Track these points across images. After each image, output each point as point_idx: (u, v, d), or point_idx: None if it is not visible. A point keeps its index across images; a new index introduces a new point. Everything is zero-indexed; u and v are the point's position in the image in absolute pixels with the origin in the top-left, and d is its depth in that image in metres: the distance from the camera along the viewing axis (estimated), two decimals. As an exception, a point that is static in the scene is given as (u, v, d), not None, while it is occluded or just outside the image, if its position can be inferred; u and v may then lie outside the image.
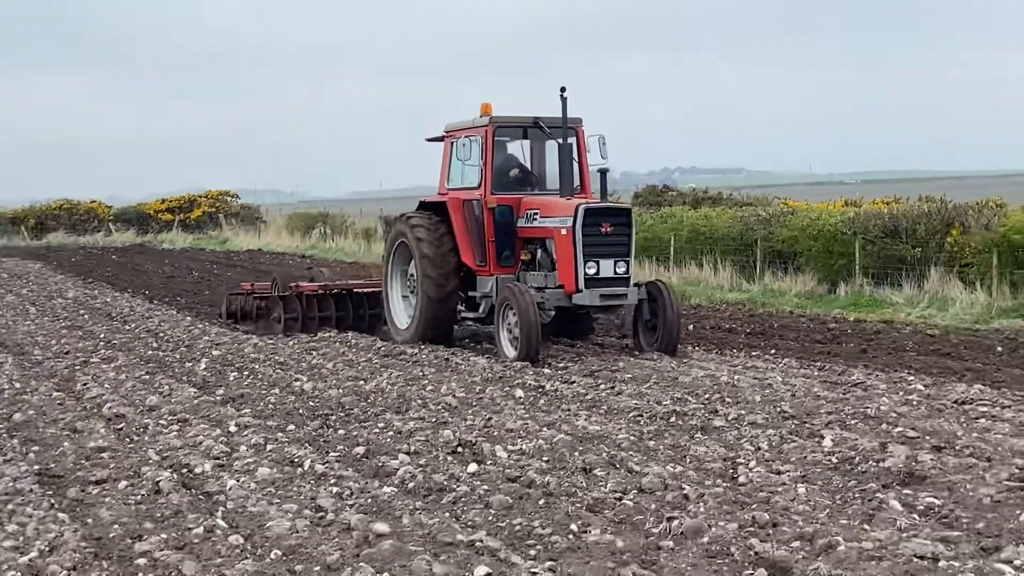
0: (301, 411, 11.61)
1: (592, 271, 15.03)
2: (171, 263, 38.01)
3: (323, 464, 9.21)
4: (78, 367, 14.85)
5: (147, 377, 13.94)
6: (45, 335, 18.46)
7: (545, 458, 9.35)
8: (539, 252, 16.15)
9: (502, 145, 17.04)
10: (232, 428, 10.74)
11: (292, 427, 10.89)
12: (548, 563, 6.76)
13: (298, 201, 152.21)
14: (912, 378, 13.14)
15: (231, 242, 49.33)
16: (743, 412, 11.06)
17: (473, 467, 9.07)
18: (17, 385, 13.44)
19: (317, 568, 6.77)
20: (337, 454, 9.78)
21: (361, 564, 6.66)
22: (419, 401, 11.90)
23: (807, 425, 10.45)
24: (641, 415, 11.06)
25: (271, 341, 17.26)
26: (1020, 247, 19.51)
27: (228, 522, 7.74)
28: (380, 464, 9.25)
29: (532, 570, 6.52)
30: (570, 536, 7.26)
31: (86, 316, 21.67)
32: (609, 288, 15.16)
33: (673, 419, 10.82)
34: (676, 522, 7.36)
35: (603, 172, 16.29)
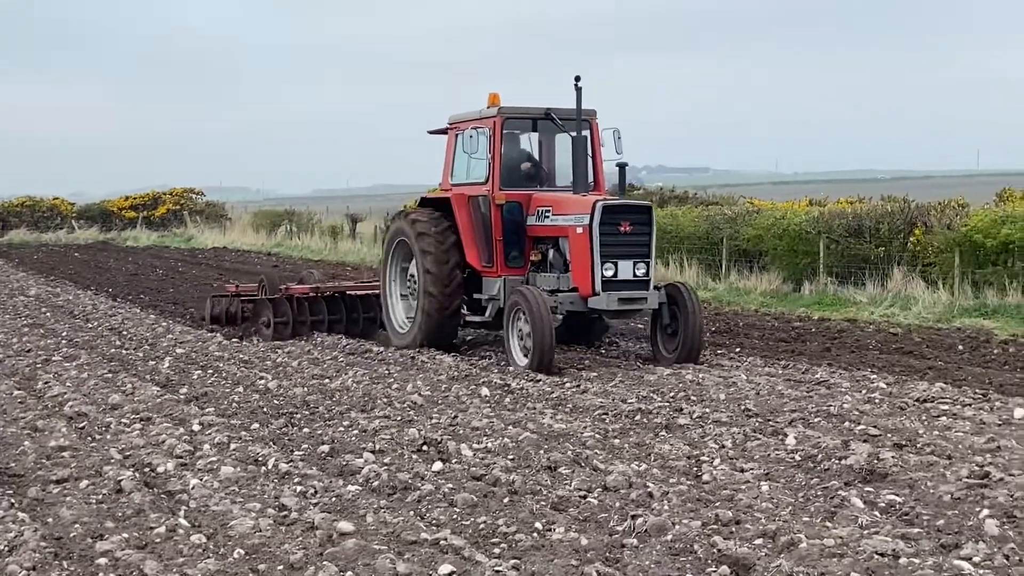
0: (265, 409, 11.54)
1: (610, 272, 13.81)
2: (135, 261, 37.69)
3: (287, 463, 9.15)
4: (39, 365, 14.67)
5: (109, 375, 13.79)
6: (6, 333, 18.22)
7: (510, 456, 9.33)
8: (551, 252, 14.95)
9: (511, 138, 15.89)
10: (195, 427, 10.64)
11: (256, 426, 10.82)
12: (512, 561, 6.76)
13: (264, 199, 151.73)
14: (875, 376, 13.20)
15: (196, 240, 49.05)
16: (707, 410, 11.10)
17: (438, 465, 9.05)
18: (-23, 383, 13.27)
19: (280, 567, 6.74)
20: (301, 453, 9.72)
21: (325, 563, 6.63)
22: (384, 399, 11.85)
23: (771, 423, 10.49)
24: (606, 413, 11.07)
25: (236, 339, 17.13)
26: (981, 247, 19.66)
27: (190, 521, 7.69)
28: (345, 463, 9.21)
29: (496, 568, 6.50)
30: (534, 534, 7.26)
31: (48, 314, 21.41)
32: (628, 291, 13.91)
33: (638, 417, 10.83)
34: (640, 520, 7.37)
35: (622, 167, 14.97)
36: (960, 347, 15.88)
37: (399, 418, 10.92)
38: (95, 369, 14.28)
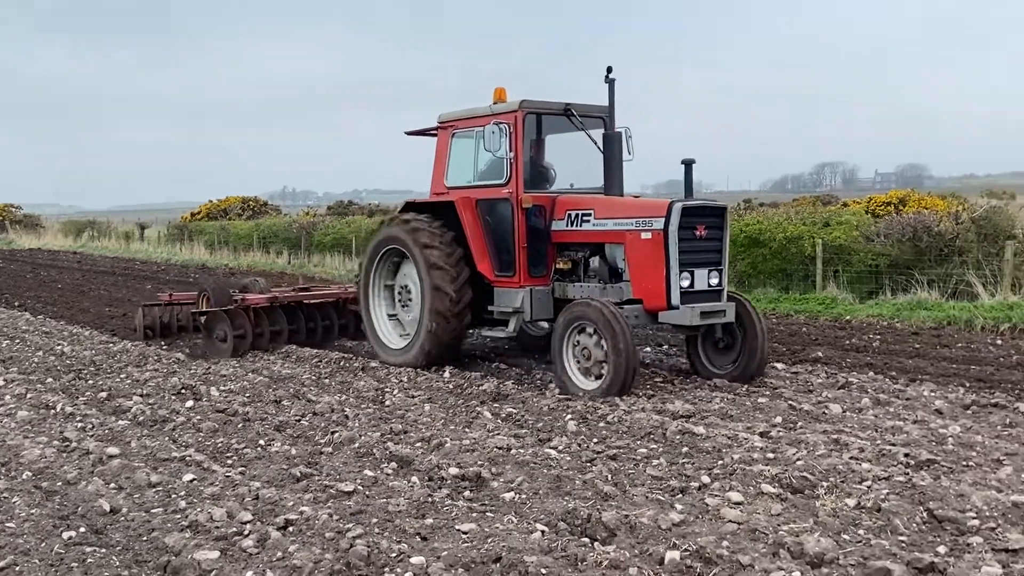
0: (59, 368, 10.69)
1: (687, 283, 9.07)
2: (-37, 259, 34.15)
3: (72, 406, 8.51)
4: None
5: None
6: None
7: (247, 395, 9.04)
8: (593, 260, 9.94)
9: (529, 135, 10.59)
10: (0, 383, 9.78)
11: (50, 380, 9.99)
12: (240, 468, 6.57)
13: (74, 212, 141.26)
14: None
15: (15, 243, 44.93)
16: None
17: (191, 403, 8.66)
18: None
19: (59, 484, 6.26)
20: (85, 399, 9.06)
21: (94, 478, 6.23)
22: (155, 357, 11.22)
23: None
24: (320, 361, 10.91)
25: (39, 315, 15.70)
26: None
27: (-12, 454, 7.05)
28: (118, 404, 8.66)
29: (227, 474, 6.30)
30: (258, 448, 7.07)
31: None
32: (707, 303, 9.15)
33: (342, 363, 10.73)
34: (337, 434, 7.31)
35: (688, 164, 9.46)
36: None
37: (165, 371, 10.37)
38: (-81, 342, 12.81)
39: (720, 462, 6.27)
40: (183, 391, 9.21)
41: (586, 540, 4.89)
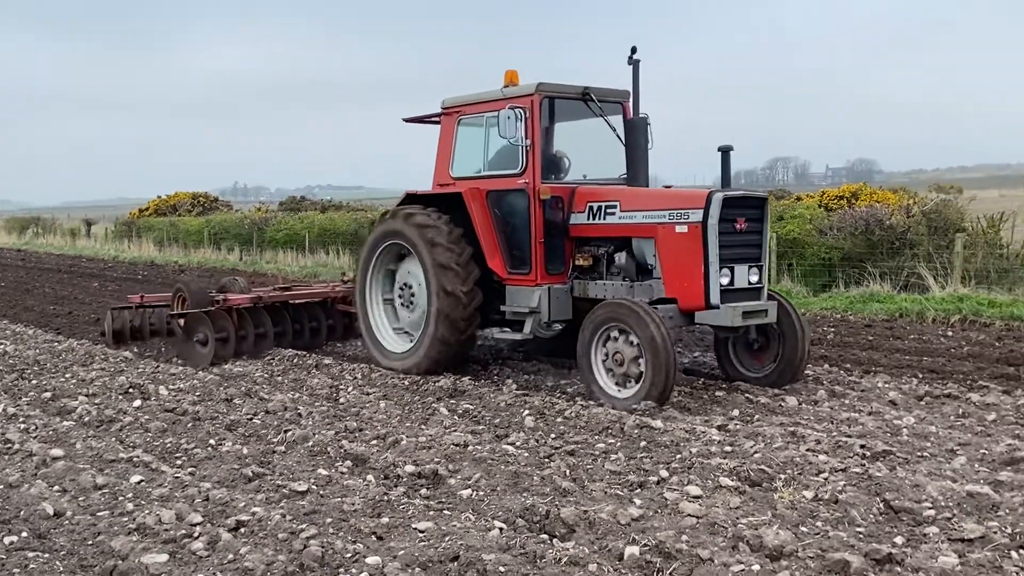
0: (1, 368, 10.36)
1: (726, 280, 8.27)
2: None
3: (15, 407, 8.25)
4: None
5: None
6: None
7: (198, 393, 8.84)
8: (618, 256, 9.13)
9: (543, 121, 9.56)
10: (-61, 384, 9.46)
11: (-8, 381, 9.75)
12: (190, 468, 6.42)
13: (18, 208, 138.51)
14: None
15: (-43, 239, 44.00)
16: (349, 352, 11.01)
17: (138, 402, 8.43)
18: None
19: (1, 487, 6.05)
20: (28, 399, 8.79)
21: (37, 480, 6.04)
22: (102, 356, 10.95)
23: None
24: (273, 358, 10.72)
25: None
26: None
27: (-75, 457, 6.81)
28: (63, 405, 8.41)
29: (176, 475, 6.15)
30: (208, 448, 6.91)
31: None
32: (748, 302, 8.37)
33: (296, 360, 10.56)
34: (290, 433, 7.17)
35: (726, 151, 8.55)
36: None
37: (112, 369, 10.13)
38: None
39: (678, 456, 6.25)
40: (131, 390, 8.97)
41: (545, 537, 4.84)
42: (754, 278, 8.47)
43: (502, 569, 4.36)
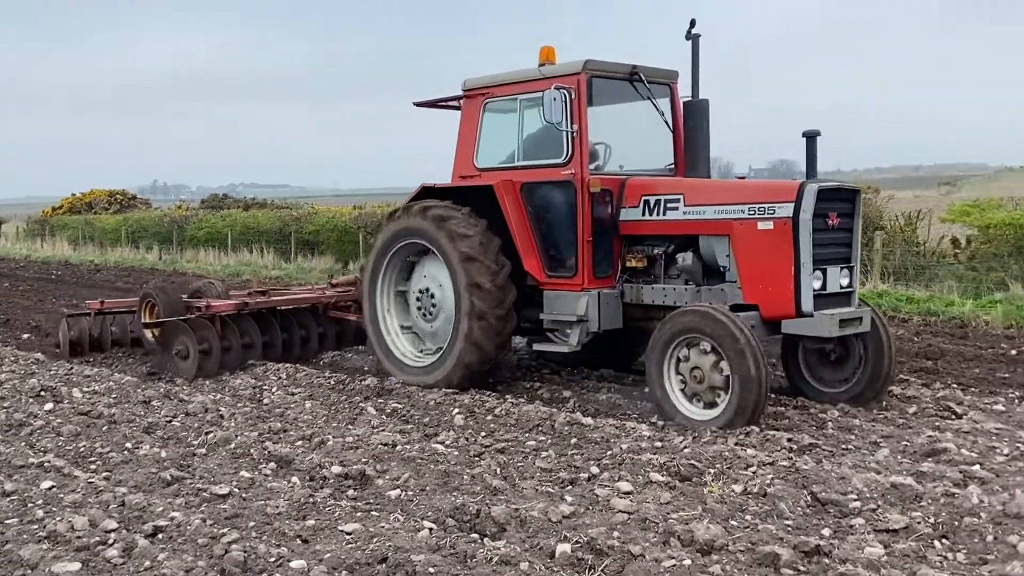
0: (-98, 371, 9.91)
1: (818, 284, 7.26)
2: None
3: (-84, 412, 7.89)
4: None
5: None
6: None
7: (114, 395, 8.55)
8: (680, 257, 8.04)
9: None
10: None
11: None
12: (105, 473, 6.17)
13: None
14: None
15: None
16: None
17: (50, 405, 8.10)
18: None
19: (-101, 496, 5.76)
20: (-69, 404, 8.42)
21: (-61, 490, 5.75)
22: (11, 358, 10.50)
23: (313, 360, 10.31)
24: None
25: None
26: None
27: None
28: (-31, 409, 8.07)
29: (90, 480, 5.90)
30: (125, 452, 6.66)
31: None
32: (841, 308, 7.40)
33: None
34: (211, 435, 6.98)
35: (812, 136, 7.34)
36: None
37: (23, 372, 9.72)
38: None
39: (609, 452, 6.25)
40: (42, 393, 8.62)
41: (475, 536, 4.77)
42: (845, 281, 7.52)
43: (432, 570, 4.27)
